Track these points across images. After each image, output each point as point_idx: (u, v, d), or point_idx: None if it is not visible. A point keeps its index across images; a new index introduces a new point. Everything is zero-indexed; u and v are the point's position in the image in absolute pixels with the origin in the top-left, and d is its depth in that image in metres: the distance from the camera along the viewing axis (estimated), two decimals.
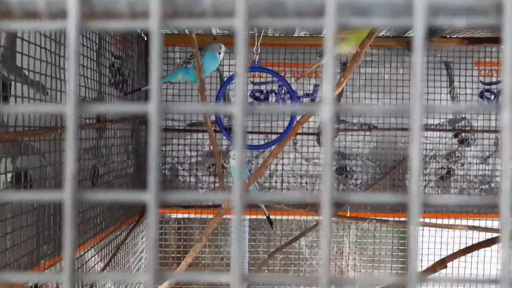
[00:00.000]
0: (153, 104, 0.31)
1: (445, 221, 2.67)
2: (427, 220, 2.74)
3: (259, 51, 2.12)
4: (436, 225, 2.21)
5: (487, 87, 3.12)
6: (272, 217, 2.57)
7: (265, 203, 2.37)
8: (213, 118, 2.77)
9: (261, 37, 2.07)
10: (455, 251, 1.98)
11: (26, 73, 1.36)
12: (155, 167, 0.31)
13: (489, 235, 2.22)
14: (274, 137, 3.07)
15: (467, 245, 2.21)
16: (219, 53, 1.97)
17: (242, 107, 0.32)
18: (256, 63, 2.17)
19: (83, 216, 1.78)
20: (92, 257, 1.94)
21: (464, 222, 2.75)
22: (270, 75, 2.57)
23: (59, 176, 1.56)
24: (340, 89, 1.67)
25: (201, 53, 1.94)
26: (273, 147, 2.70)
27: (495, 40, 2.87)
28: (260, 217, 3.11)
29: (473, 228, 2.24)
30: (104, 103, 2.04)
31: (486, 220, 2.88)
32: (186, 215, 3.09)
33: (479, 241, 2.06)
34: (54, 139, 1.53)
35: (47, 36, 1.46)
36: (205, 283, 3.08)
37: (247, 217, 3.12)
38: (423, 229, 2.96)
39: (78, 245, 1.74)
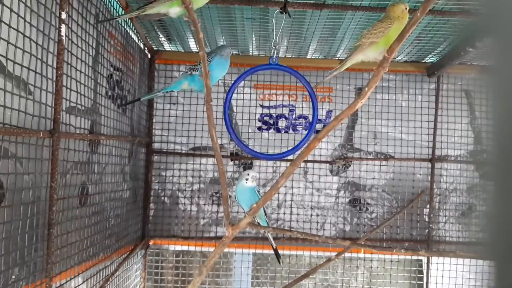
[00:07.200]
0: None
1: None
2: None
3: (277, 46, 1.92)
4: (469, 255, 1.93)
5: None
6: (279, 251, 2.33)
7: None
8: (220, 141, 2.55)
9: (280, 30, 1.87)
10: None
11: (3, 62, 1.17)
12: None
13: None
14: (283, 167, 2.86)
15: None
16: (228, 58, 1.77)
17: None
18: (274, 59, 1.96)
19: (66, 239, 1.55)
20: (78, 286, 1.69)
21: None
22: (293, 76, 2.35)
23: (39, 189, 1.34)
24: (364, 99, 1.47)
25: (209, 58, 1.74)
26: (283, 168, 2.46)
27: None
28: (265, 251, 2.86)
29: None
30: (99, 115, 1.84)
31: None
32: (185, 247, 2.84)
33: None
34: (36, 144, 1.31)
35: (33, 25, 1.28)
36: None
37: (251, 251, 2.87)
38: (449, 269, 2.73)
39: (59, 272, 1.50)
